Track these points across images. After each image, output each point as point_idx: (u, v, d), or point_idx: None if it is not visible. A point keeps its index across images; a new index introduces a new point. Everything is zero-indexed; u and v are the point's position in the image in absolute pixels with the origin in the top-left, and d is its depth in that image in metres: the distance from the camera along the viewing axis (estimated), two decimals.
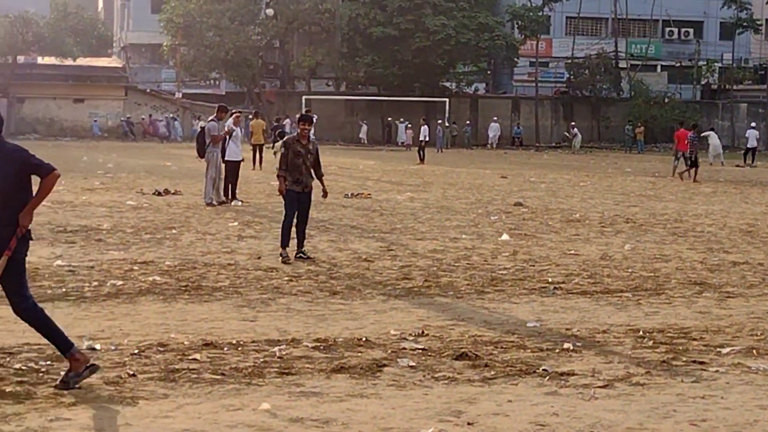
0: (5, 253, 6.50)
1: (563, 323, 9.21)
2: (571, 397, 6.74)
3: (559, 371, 7.36)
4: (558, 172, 35.82)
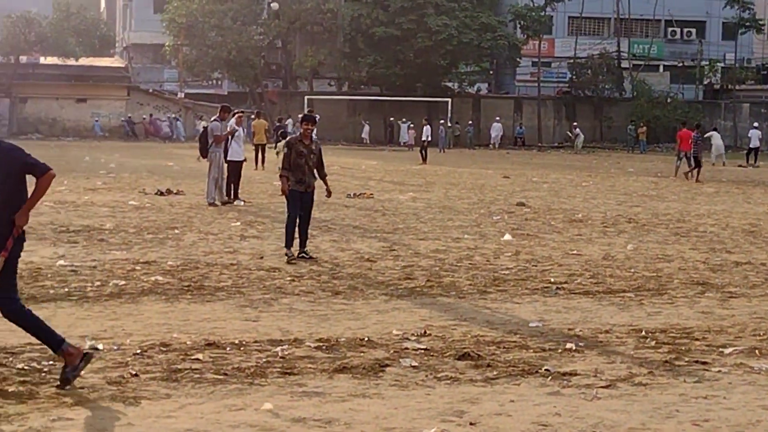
0: (2, 254, 6.47)
1: (566, 323, 9.21)
2: (574, 397, 6.73)
3: (561, 371, 7.36)
4: (560, 172, 35.81)
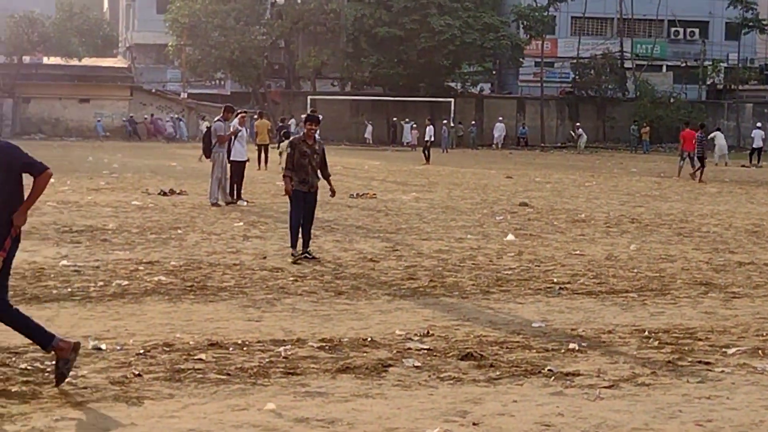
0: (0, 254, 6.46)
1: (568, 323, 9.20)
2: (577, 397, 6.73)
3: (564, 371, 7.35)
4: (563, 172, 35.79)
